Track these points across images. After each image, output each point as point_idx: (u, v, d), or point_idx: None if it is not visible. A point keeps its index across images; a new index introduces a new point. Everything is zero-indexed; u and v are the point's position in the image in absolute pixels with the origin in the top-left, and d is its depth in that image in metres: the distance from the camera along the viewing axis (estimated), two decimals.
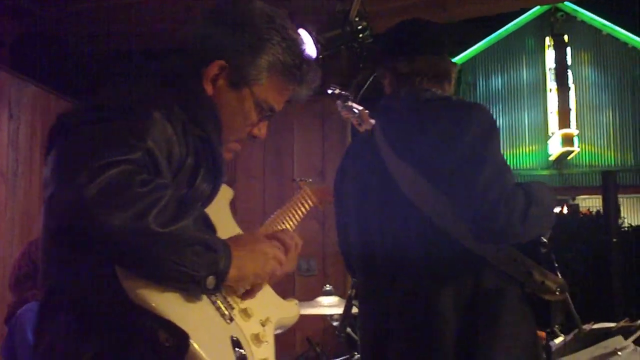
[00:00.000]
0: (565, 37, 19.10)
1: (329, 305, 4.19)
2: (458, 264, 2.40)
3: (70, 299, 1.58)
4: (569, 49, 19.10)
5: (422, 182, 2.42)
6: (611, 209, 7.49)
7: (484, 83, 20.43)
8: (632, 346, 1.91)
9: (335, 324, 4.07)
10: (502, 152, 2.43)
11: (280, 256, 1.80)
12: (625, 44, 19.58)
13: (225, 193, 1.97)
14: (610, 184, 7.64)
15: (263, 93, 1.86)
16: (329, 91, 5.86)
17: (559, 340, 3.77)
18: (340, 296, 4.27)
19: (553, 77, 19.30)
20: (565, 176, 19.45)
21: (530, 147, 19.85)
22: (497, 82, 20.18)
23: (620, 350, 1.89)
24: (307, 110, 6.59)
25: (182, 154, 1.67)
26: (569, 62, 19.08)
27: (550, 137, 19.31)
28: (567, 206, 17.61)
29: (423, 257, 2.43)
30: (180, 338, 1.48)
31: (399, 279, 2.49)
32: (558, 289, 2.35)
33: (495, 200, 2.24)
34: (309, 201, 2.29)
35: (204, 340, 1.52)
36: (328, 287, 4.25)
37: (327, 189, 2.53)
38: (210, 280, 1.55)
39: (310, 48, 5.22)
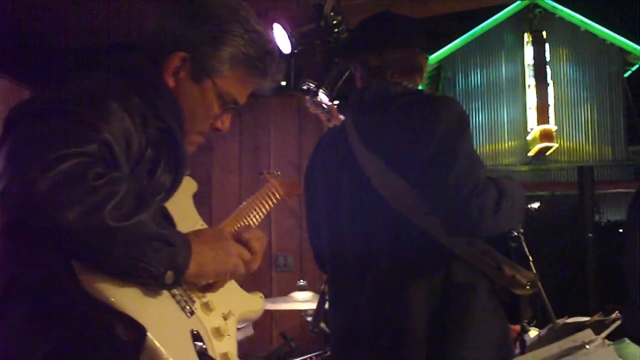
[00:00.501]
0: (544, 33, 19.23)
1: (304, 301, 4.19)
2: (428, 258, 2.40)
3: (28, 292, 1.55)
4: (547, 45, 19.23)
5: (393, 176, 2.41)
6: (587, 204, 7.52)
7: (463, 79, 20.51)
8: (599, 340, 1.91)
9: (309, 319, 4.05)
10: (474, 146, 2.43)
11: (245, 255, 1.78)
12: (603, 40, 19.73)
13: (188, 186, 1.96)
14: (585, 179, 7.67)
15: (225, 85, 1.84)
16: (303, 86, 5.85)
17: (533, 334, 3.79)
18: (315, 292, 4.26)
19: (532, 73, 19.40)
20: (544, 172, 19.58)
21: (510, 143, 19.96)
22: (476, 77, 20.27)
23: (588, 343, 1.88)
24: (283, 105, 6.59)
25: (141, 145, 1.64)
26: (548, 58, 19.20)
27: (529, 132, 19.42)
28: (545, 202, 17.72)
29: (393, 251, 2.43)
30: (137, 332, 1.46)
31: (370, 273, 2.48)
32: (529, 284, 2.35)
33: (467, 193, 2.24)
34: (276, 194, 2.27)
35: (163, 334, 1.50)
36: (302, 282, 4.25)
37: (295, 182, 2.52)
38: (169, 276, 1.53)
39: (277, 41, 5.21)
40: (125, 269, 1.48)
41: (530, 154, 19.44)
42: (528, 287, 2.35)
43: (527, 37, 19.46)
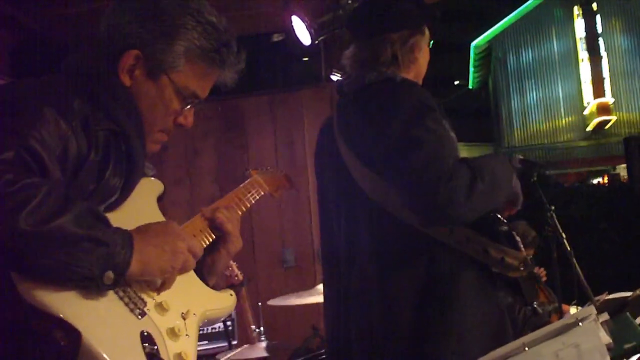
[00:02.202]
0: (594, 5, 18.77)
1: None
2: (410, 249, 2.33)
3: None
4: (598, 17, 18.75)
5: (365, 169, 2.36)
6: (635, 175, 7.25)
7: (515, 58, 20.16)
8: (593, 316, 1.81)
9: None
10: (441, 127, 2.29)
11: (195, 248, 1.75)
12: None
13: (152, 187, 1.94)
14: (633, 150, 7.38)
15: (183, 80, 1.81)
16: (332, 77, 5.79)
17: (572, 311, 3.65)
18: None
19: (584, 46, 18.97)
20: (603, 146, 19.12)
21: (567, 119, 19.56)
22: (527, 56, 19.91)
23: (582, 320, 1.79)
24: (315, 97, 6.56)
25: (81, 150, 1.62)
26: (599, 30, 18.72)
27: (585, 107, 18.99)
28: (608, 176, 17.32)
29: (376, 241, 2.37)
30: (73, 336, 1.44)
31: (356, 263, 2.43)
32: (521, 265, 2.26)
33: (432, 180, 2.14)
34: (259, 190, 2.23)
35: (103, 337, 1.48)
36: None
37: (284, 177, 2.47)
38: (109, 276, 1.50)
39: (297, 33, 5.16)
40: (57, 273, 1.46)
41: (589, 128, 19.01)
42: (522, 269, 2.26)
43: (576, 10, 19.03)
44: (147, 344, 1.58)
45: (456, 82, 23.64)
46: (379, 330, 2.33)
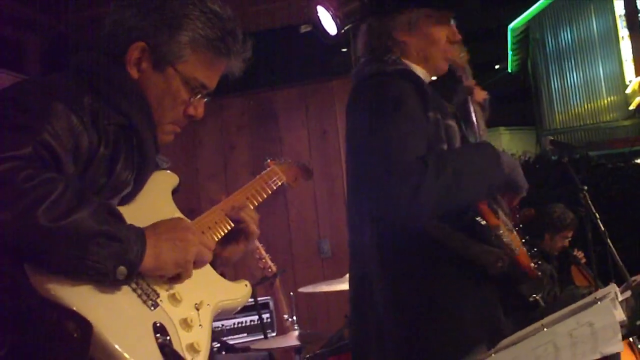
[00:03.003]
0: None
1: None
2: (393, 247, 2.32)
3: None
4: None
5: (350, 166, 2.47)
6: None
7: (553, 39, 19.86)
8: (612, 294, 1.80)
9: None
10: (405, 123, 2.25)
11: (208, 242, 1.78)
12: None
13: (166, 180, 1.96)
14: None
15: (190, 70, 1.84)
16: None
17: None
18: None
19: (624, 24, 18.60)
20: None
21: (609, 99, 19.22)
22: (566, 36, 19.59)
23: (600, 299, 1.78)
24: (346, 88, 6.52)
25: (92, 144, 1.66)
26: None
27: (627, 85, 18.63)
28: None
29: (367, 240, 2.38)
30: (85, 327, 1.47)
31: (357, 262, 2.49)
32: (498, 262, 2.20)
33: (388, 178, 2.14)
34: (276, 179, 2.25)
35: (115, 328, 1.52)
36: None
37: (302, 167, 2.49)
38: (122, 271, 1.54)
39: (321, 23, 5.15)
40: (72, 267, 1.50)
41: (632, 107, 18.63)
42: (499, 265, 2.20)
43: None
44: (159, 335, 1.61)
45: (497, 66, 23.37)
46: (369, 332, 2.37)
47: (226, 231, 1.98)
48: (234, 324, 5.28)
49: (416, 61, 2.48)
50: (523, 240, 2.38)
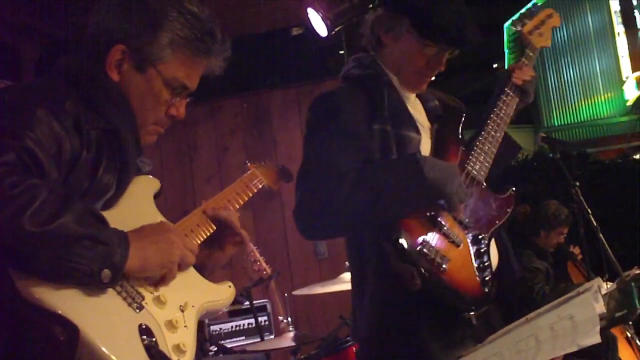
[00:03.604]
0: None
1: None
2: (362, 255, 2.38)
3: None
4: None
5: None
6: None
7: None
8: (594, 288, 1.81)
9: None
10: (328, 140, 2.29)
11: (191, 245, 1.80)
12: None
13: (148, 184, 1.98)
14: None
15: (170, 71, 1.87)
16: None
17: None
18: None
19: (619, 20, 18.60)
20: None
21: (605, 95, 19.21)
22: (562, 32, 19.57)
23: (583, 292, 1.80)
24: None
25: (74, 149, 1.68)
26: (635, 2, 18.35)
27: (624, 81, 18.65)
28: None
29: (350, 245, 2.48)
30: (71, 331, 1.49)
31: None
32: (413, 280, 2.18)
33: (298, 200, 2.24)
34: (257, 182, 2.27)
35: (101, 331, 1.54)
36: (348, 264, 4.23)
37: (280, 169, 2.51)
38: (106, 273, 1.56)
39: (312, 25, 5.15)
40: (58, 271, 1.52)
41: (629, 103, 18.64)
42: (416, 282, 2.17)
43: None
44: (145, 337, 1.64)
45: (495, 65, 23.37)
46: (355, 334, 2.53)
47: (208, 233, 2.01)
48: (232, 327, 5.31)
49: (390, 69, 2.47)
50: (482, 250, 2.36)
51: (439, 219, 2.28)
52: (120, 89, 1.84)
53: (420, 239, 2.22)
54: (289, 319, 4.26)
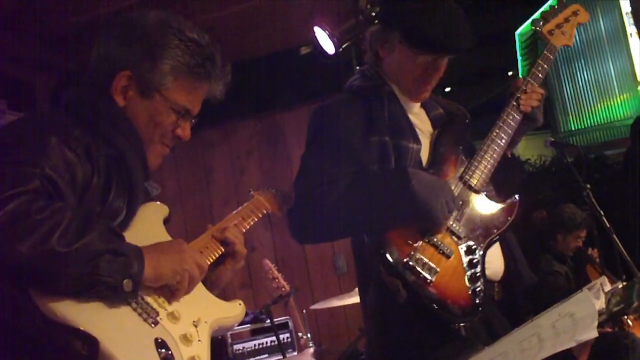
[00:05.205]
0: None
1: None
2: (363, 265, 2.49)
3: None
4: None
5: None
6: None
7: None
8: (597, 287, 1.87)
9: None
10: (318, 155, 2.43)
11: (200, 260, 1.88)
12: None
13: (158, 210, 2.06)
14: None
15: (173, 96, 1.96)
16: None
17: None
18: None
19: (632, 21, 18.55)
20: None
21: (621, 97, 19.13)
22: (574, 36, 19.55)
23: (589, 289, 1.85)
24: None
25: (86, 175, 1.77)
26: None
27: (639, 82, 18.58)
28: None
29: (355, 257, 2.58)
30: (91, 344, 1.57)
31: None
32: (399, 292, 2.25)
33: (292, 205, 2.39)
34: (262, 208, 2.35)
35: (120, 343, 1.63)
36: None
37: (284, 195, 2.58)
38: (127, 283, 1.66)
39: (319, 43, 5.21)
40: (83, 286, 1.61)
41: None
42: (402, 294, 2.24)
43: None
44: (161, 350, 1.72)
45: (510, 73, 23.36)
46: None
47: (217, 255, 2.09)
48: (254, 345, 5.35)
49: (391, 80, 2.55)
50: (475, 260, 2.36)
51: (429, 230, 2.32)
52: (126, 114, 1.93)
53: (407, 251, 2.27)
54: (309, 334, 4.31)
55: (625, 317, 4.23)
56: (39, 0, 4.71)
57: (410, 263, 2.24)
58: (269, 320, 4.79)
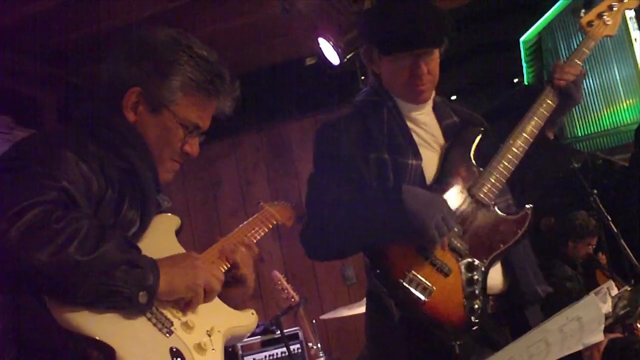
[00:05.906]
0: None
1: None
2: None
3: (13, 338, 1.72)
4: None
5: None
6: None
7: (566, 47, 19.79)
8: (603, 291, 1.89)
9: None
10: (321, 183, 2.48)
11: (217, 273, 1.90)
12: None
13: (170, 222, 2.10)
14: None
15: (182, 112, 1.99)
16: None
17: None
18: None
19: (635, 25, 18.55)
20: None
21: (627, 102, 19.05)
22: (578, 43, 19.52)
23: (596, 293, 1.88)
24: None
25: (101, 187, 1.81)
26: None
27: None
28: None
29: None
30: (107, 354, 1.60)
31: None
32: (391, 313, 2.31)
33: (305, 223, 2.48)
34: (272, 220, 2.38)
35: (136, 353, 1.66)
36: None
37: (293, 207, 2.61)
38: (143, 296, 1.69)
39: (324, 54, 5.24)
40: (100, 295, 1.64)
41: None
42: (394, 313, 2.30)
43: None
44: (177, 359, 1.74)
45: (515, 80, 23.35)
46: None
47: (223, 270, 2.09)
48: (265, 357, 5.38)
49: (391, 90, 2.55)
50: (475, 278, 2.32)
51: (427, 248, 2.30)
52: (137, 129, 1.96)
53: (402, 270, 2.27)
54: (319, 344, 4.33)
55: (637, 323, 4.26)
56: (40, 16, 4.77)
57: (404, 283, 2.25)
58: (279, 332, 4.81)
